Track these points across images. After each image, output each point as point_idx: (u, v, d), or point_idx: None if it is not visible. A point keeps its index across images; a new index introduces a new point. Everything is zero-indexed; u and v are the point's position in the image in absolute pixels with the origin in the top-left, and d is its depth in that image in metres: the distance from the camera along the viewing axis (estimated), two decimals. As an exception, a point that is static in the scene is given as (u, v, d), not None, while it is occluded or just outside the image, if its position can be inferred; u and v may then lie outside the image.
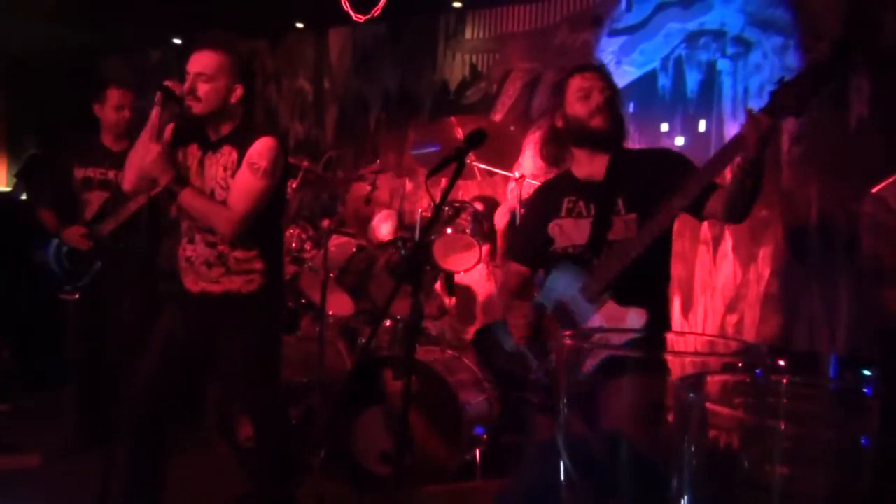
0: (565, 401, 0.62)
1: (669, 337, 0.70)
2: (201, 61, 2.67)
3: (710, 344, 0.70)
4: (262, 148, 2.64)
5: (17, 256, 4.83)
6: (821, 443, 0.46)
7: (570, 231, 2.43)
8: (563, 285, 2.40)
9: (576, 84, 2.44)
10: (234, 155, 2.66)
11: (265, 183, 2.64)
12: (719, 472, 0.47)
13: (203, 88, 2.64)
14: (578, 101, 2.42)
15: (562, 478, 0.62)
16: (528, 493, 1.51)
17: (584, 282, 2.34)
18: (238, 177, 2.64)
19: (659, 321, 2.26)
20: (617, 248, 2.28)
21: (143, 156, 2.61)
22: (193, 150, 2.75)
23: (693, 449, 0.48)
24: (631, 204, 2.34)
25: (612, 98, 2.43)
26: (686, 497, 0.48)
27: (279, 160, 2.69)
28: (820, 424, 0.52)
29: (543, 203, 2.56)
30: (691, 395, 0.48)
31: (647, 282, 2.31)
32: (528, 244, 2.62)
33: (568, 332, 0.62)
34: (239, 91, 2.70)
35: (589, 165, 2.46)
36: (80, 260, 3.84)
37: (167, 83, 2.64)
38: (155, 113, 2.62)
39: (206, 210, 2.66)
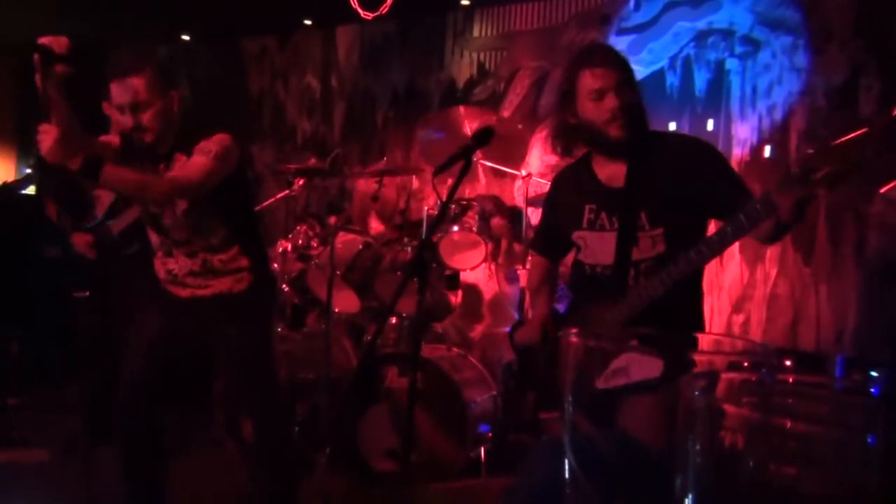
0: (571, 400, 0.62)
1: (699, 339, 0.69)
2: (130, 90, 2.45)
3: (716, 343, 0.70)
4: (212, 138, 2.54)
5: (26, 251, 4.86)
6: (827, 442, 0.46)
7: (594, 247, 2.27)
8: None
9: (586, 82, 2.17)
10: (185, 158, 2.56)
11: (213, 164, 2.48)
12: (724, 471, 0.47)
13: (146, 117, 2.47)
14: (591, 103, 2.17)
15: (567, 477, 0.62)
16: (535, 490, 1.51)
17: (600, 315, 2.23)
18: (188, 161, 2.52)
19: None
20: (634, 290, 2.14)
21: (42, 143, 2.24)
22: (146, 167, 2.60)
23: (698, 448, 0.47)
24: (655, 217, 2.15)
25: (628, 98, 2.17)
26: (690, 496, 0.48)
27: (230, 149, 2.56)
28: (826, 424, 0.51)
29: (564, 201, 2.39)
30: (697, 393, 0.48)
31: (679, 313, 2.15)
32: (548, 239, 2.52)
33: (574, 330, 0.62)
34: (176, 98, 2.57)
35: (609, 166, 2.27)
36: (89, 259, 3.84)
37: (43, 41, 2.30)
38: (38, 81, 2.29)
39: (138, 180, 2.41)
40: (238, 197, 2.72)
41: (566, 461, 0.61)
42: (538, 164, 4.98)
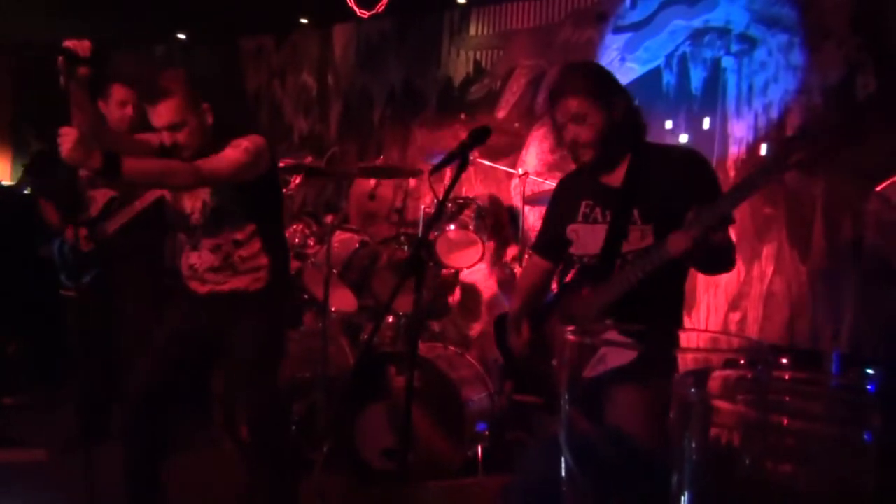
0: (566, 397, 0.62)
1: (680, 335, 0.70)
2: (164, 115, 2.52)
3: (712, 340, 0.70)
4: (246, 136, 2.59)
5: (23, 251, 4.85)
6: (823, 439, 0.46)
7: (585, 238, 2.35)
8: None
9: (556, 114, 2.30)
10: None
11: (243, 158, 2.52)
12: (720, 469, 0.47)
13: (183, 136, 2.54)
14: (563, 131, 2.30)
15: (563, 474, 0.62)
16: (532, 488, 1.51)
17: (584, 303, 2.31)
18: (218, 153, 2.55)
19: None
20: (617, 275, 2.23)
21: (62, 146, 2.26)
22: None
23: (693, 445, 0.47)
24: (647, 215, 2.25)
25: (595, 126, 2.23)
26: (686, 494, 0.48)
27: (263, 150, 2.61)
28: (822, 421, 0.52)
29: (564, 200, 2.48)
30: (692, 391, 0.48)
31: (654, 310, 2.21)
32: (548, 239, 2.57)
33: (570, 328, 0.62)
34: (209, 111, 2.62)
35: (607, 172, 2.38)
36: (82, 258, 3.84)
37: (67, 44, 2.34)
38: (64, 84, 2.35)
39: (161, 168, 2.47)
40: (267, 197, 2.77)
41: (563, 459, 0.61)
42: (535, 162, 4.98)
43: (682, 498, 0.48)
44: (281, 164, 4.29)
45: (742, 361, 0.59)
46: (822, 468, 0.46)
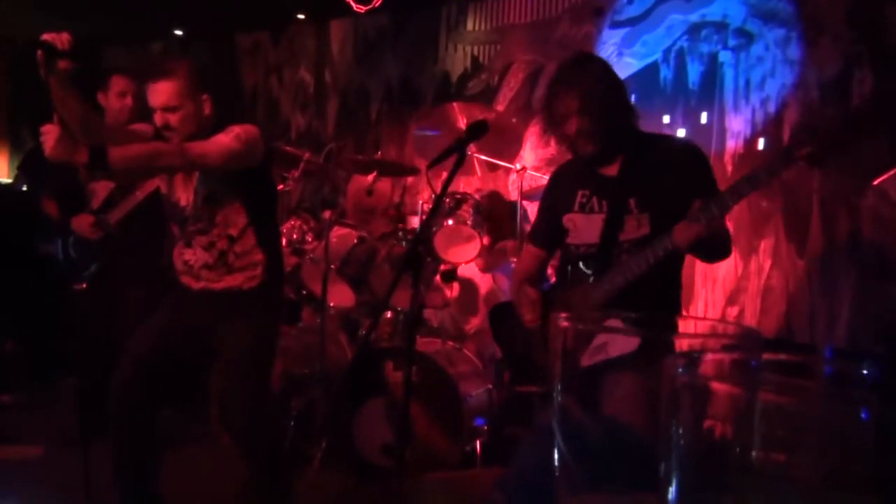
0: (560, 385, 0.62)
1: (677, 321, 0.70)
2: (161, 94, 2.52)
3: (706, 328, 0.70)
4: (241, 125, 2.58)
5: (20, 248, 4.85)
6: (815, 429, 0.46)
7: (582, 227, 2.39)
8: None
9: (561, 108, 2.30)
10: None
11: (234, 145, 2.51)
12: (710, 457, 0.47)
13: (175, 119, 2.53)
14: (568, 123, 2.31)
15: (556, 463, 0.62)
16: (527, 477, 1.52)
17: (584, 293, 2.33)
18: (210, 138, 2.55)
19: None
20: (619, 265, 2.26)
21: (45, 144, 2.22)
22: None
23: (682, 431, 0.47)
24: (643, 204, 2.28)
25: (593, 117, 2.26)
26: (674, 481, 0.48)
27: (256, 139, 2.59)
28: (815, 412, 0.52)
29: (560, 190, 2.51)
30: (682, 373, 0.48)
31: (654, 297, 2.25)
32: (543, 227, 2.60)
33: (563, 314, 0.62)
34: (207, 102, 2.62)
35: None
36: (87, 249, 3.83)
37: (45, 37, 2.29)
38: (44, 78, 2.31)
39: (148, 151, 2.44)
40: (260, 190, 2.76)
41: (556, 447, 0.61)
42: (532, 157, 4.97)
43: (671, 486, 0.48)
44: (284, 149, 4.28)
45: (734, 348, 0.59)
46: (813, 457, 0.46)
